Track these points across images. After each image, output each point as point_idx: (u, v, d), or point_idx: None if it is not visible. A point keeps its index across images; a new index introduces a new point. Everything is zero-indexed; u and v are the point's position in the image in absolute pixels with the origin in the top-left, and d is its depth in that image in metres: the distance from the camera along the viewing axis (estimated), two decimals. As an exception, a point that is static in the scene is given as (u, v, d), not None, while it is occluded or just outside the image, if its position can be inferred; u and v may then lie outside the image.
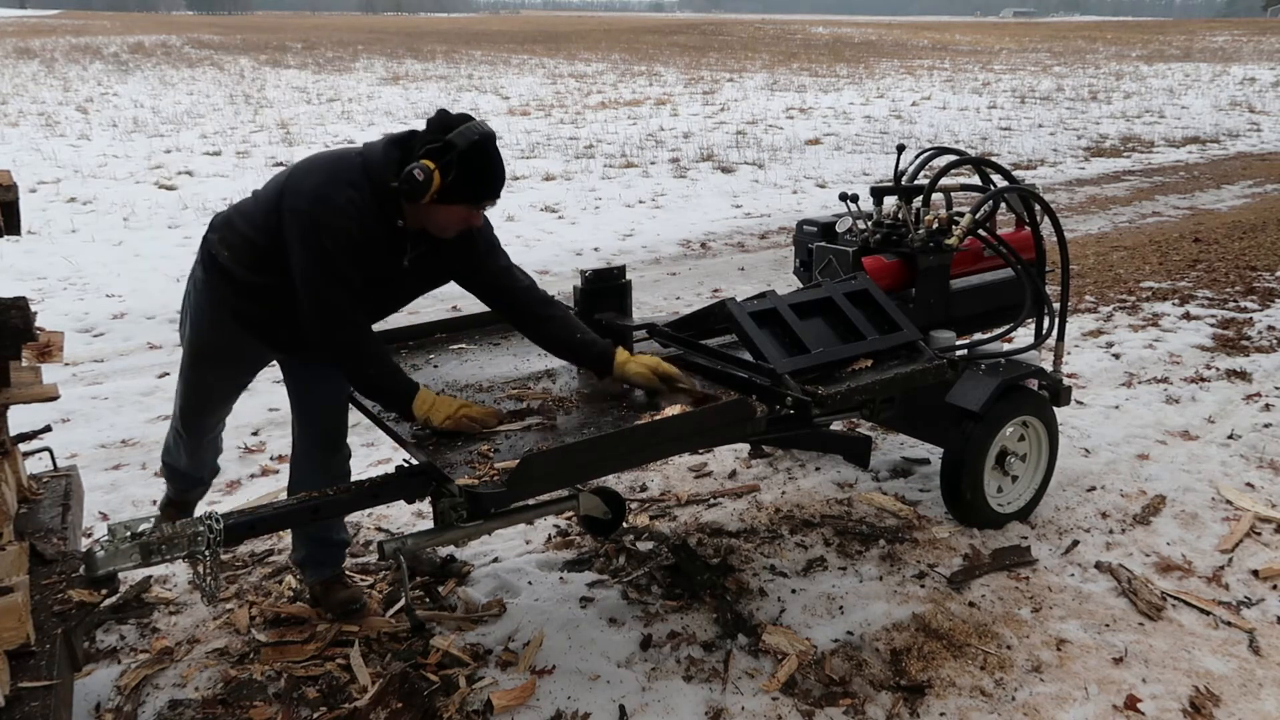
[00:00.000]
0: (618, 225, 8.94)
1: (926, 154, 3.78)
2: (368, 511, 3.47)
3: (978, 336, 3.52)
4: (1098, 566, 3.16)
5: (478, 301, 2.72)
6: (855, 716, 2.47)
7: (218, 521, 2.17)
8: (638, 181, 11.08)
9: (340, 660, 2.65)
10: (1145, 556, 3.23)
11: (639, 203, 10.00)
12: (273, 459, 4.03)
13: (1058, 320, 3.37)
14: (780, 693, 2.54)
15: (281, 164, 11.10)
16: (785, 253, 7.79)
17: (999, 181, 3.53)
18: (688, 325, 3.01)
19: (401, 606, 2.88)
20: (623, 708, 2.48)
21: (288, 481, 2.89)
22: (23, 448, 2.75)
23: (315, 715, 2.45)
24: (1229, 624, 2.85)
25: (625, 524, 3.26)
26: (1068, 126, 16.12)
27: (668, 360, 2.70)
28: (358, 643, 2.72)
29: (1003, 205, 3.49)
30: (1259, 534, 3.37)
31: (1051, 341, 3.41)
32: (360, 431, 3.63)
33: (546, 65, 27.16)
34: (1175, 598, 2.98)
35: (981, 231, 3.34)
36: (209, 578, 2.18)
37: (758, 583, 3.06)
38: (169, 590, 3.04)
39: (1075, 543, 3.31)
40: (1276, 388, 4.76)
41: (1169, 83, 23.60)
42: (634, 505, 3.59)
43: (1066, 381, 3.49)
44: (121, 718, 2.45)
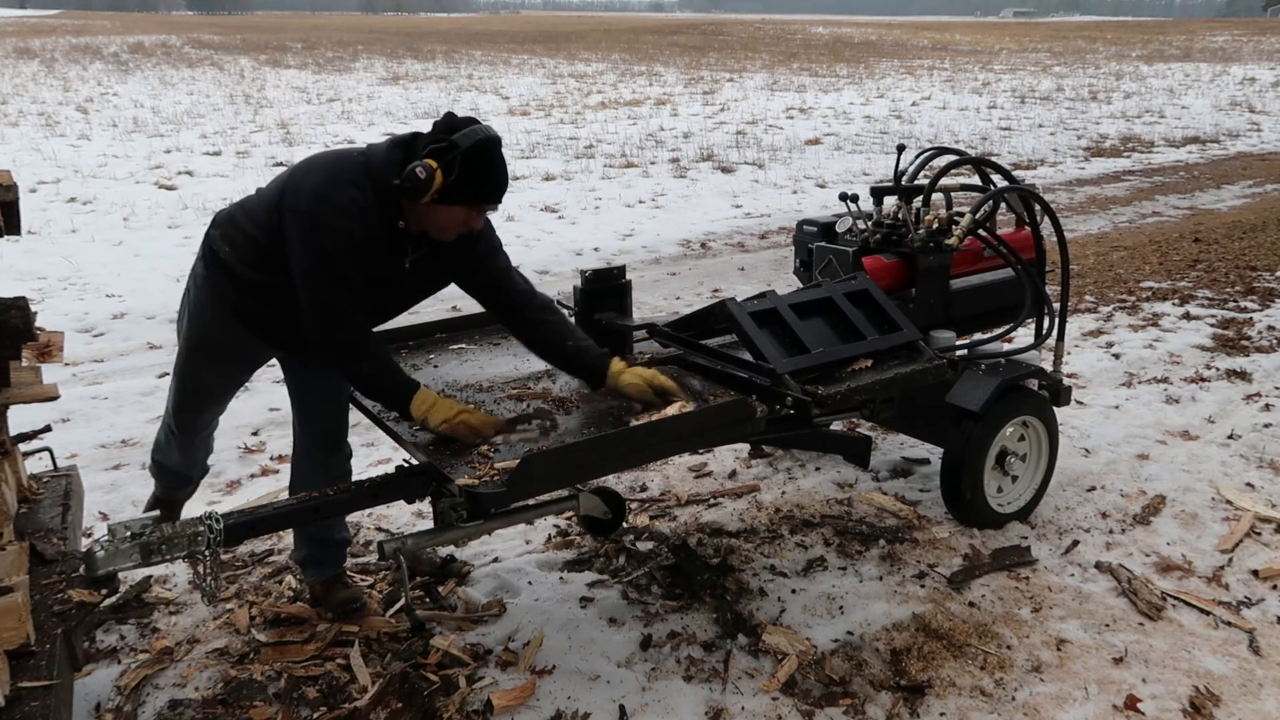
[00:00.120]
0: (618, 225, 8.94)
1: (926, 154, 3.78)
2: (368, 511, 3.47)
3: (978, 336, 3.52)
4: (1098, 566, 3.16)
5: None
6: (855, 716, 2.47)
7: (218, 521, 2.17)
8: (638, 181, 11.08)
9: (340, 660, 2.65)
10: (1145, 556, 3.23)
11: (639, 203, 10.00)
12: (273, 459, 4.03)
13: (1058, 320, 3.36)
14: (780, 693, 2.54)
15: (281, 164, 11.11)
16: (785, 253, 7.79)
17: (999, 181, 3.53)
18: (688, 325, 3.01)
19: (401, 606, 2.87)
20: (623, 708, 2.48)
21: (288, 481, 2.89)
22: (23, 448, 2.74)
23: (315, 715, 2.45)
24: (1229, 624, 2.85)
25: (625, 524, 3.26)
26: (1068, 126, 16.11)
27: (668, 360, 2.70)
28: (358, 643, 2.71)
29: (1003, 205, 3.50)
30: (1259, 534, 3.37)
31: (1051, 341, 3.41)
32: (360, 431, 3.63)
33: (546, 65, 27.16)
34: (1175, 598, 2.98)
35: (981, 231, 3.34)
36: (209, 578, 2.18)
37: (758, 583, 3.06)
38: (169, 590, 3.04)
39: (1075, 543, 3.31)
40: (1276, 388, 4.76)
41: (1169, 83, 23.61)
42: (634, 505, 3.58)
43: (1066, 381, 3.49)
44: (121, 718, 2.45)
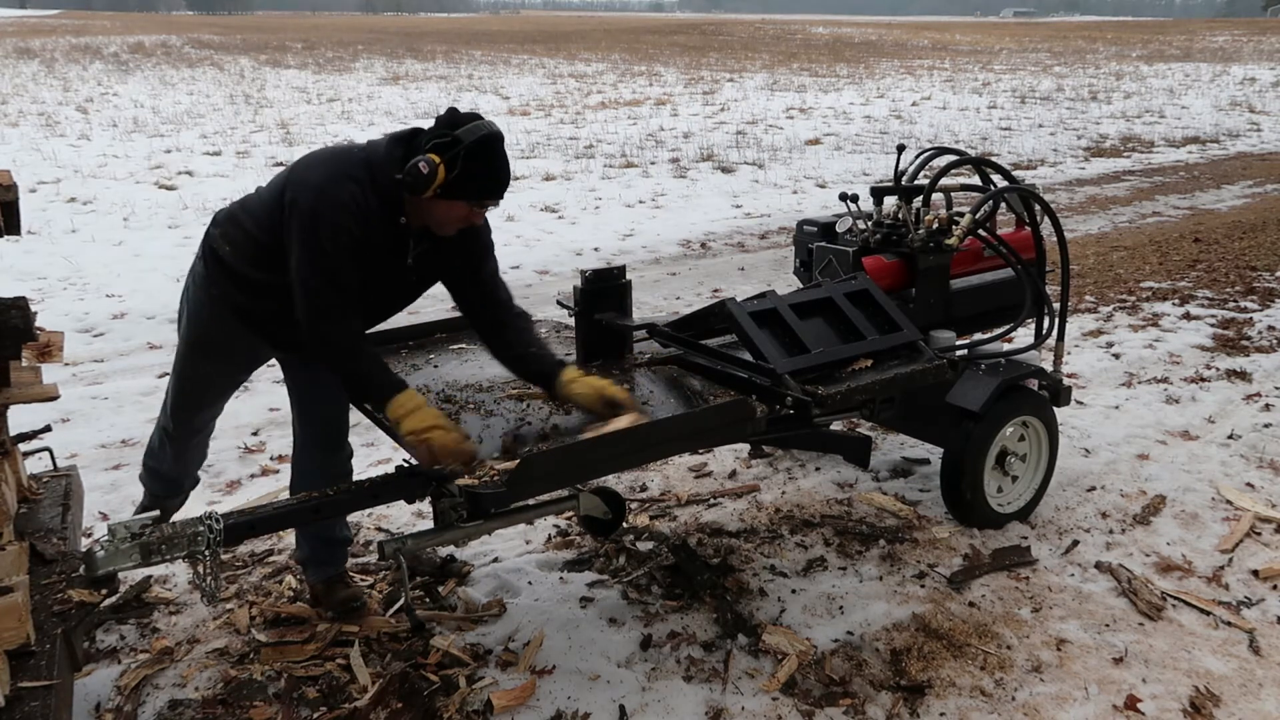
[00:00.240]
0: (618, 225, 8.93)
1: (926, 154, 3.78)
2: (368, 511, 3.47)
3: (978, 336, 3.52)
4: (1098, 566, 3.16)
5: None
6: (855, 716, 2.47)
7: (218, 521, 2.17)
8: (638, 181, 11.08)
9: (340, 660, 2.65)
10: (1145, 556, 3.23)
11: (639, 203, 10.00)
12: (273, 459, 4.03)
13: (1058, 320, 3.36)
14: (780, 693, 2.54)
15: (281, 164, 11.10)
16: (785, 253, 7.79)
17: (999, 181, 3.53)
18: (688, 325, 3.01)
19: (401, 606, 2.87)
20: (623, 708, 2.48)
21: (288, 481, 2.89)
22: (23, 448, 2.74)
23: (315, 715, 2.45)
24: (1229, 624, 2.85)
25: (625, 524, 3.26)
26: (1068, 126, 16.11)
27: (668, 360, 2.69)
28: (358, 643, 2.71)
29: (1003, 205, 3.50)
30: (1259, 534, 3.37)
31: (1051, 341, 3.41)
32: (360, 431, 3.63)
33: (546, 65, 27.16)
34: (1175, 598, 2.98)
35: (981, 231, 3.34)
36: (209, 578, 2.17)
37: (758, 583, 3.06)
38: (169, 590, 3.04)
39: (1075, 543, 3.31)
40: (1276, 388, 4.76)
41: (1169, 83, 23.60)
42: (634, 505, 3.58)
43: (1066, 381, 3.49)
44: (121, 718, 2.45)
